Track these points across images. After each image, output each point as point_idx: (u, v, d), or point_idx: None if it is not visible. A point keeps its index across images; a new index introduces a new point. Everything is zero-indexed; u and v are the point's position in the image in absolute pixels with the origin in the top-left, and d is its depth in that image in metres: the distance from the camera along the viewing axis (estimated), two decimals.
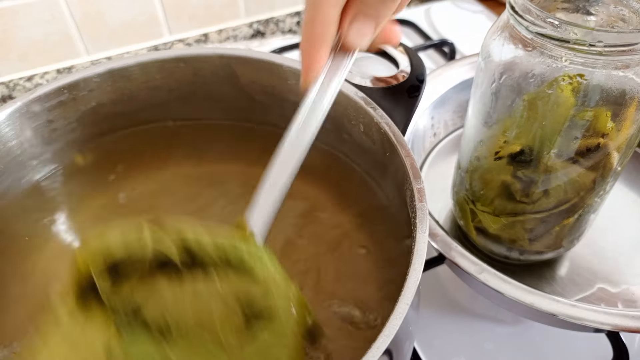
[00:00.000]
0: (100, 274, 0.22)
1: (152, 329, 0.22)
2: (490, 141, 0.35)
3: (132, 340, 0.22)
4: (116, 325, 0.22)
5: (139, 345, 0.22)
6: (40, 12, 0.59)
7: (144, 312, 0.23)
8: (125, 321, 0.22)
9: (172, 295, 0.23)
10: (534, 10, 0.27)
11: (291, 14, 0.73)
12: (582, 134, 0.30)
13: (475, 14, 0.76)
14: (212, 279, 0.23)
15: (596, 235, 0.42)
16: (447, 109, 0.50)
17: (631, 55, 0.27)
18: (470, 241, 0.42)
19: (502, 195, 0.36)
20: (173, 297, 0.23)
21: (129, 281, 0.23)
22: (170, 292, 0.23)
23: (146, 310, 0.23)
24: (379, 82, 0.35)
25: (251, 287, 0.23)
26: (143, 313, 0.23)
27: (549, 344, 0.39)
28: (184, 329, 0.22)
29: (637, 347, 0.39)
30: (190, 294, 0.23)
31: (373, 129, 0.33)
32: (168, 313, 0.23)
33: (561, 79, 0.29)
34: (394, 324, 0.22)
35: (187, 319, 0.22)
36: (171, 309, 0.23)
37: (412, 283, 0.23)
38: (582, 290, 0.39)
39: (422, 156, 0.49)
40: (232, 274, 0.23)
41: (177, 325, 0.22)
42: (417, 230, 0.26)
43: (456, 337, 0.40)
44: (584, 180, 0.33)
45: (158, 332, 0.22)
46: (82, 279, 0.22)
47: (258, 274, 0.23)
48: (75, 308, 0.22)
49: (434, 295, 0.42)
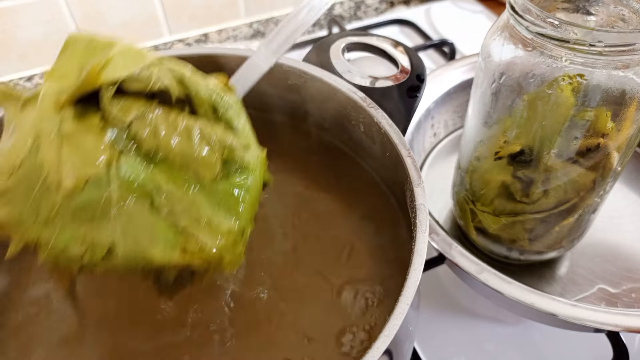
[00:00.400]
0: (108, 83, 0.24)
1: (141, 149, 0.24)
2: (490, 141, 0.35)
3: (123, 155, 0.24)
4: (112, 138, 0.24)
5: (128, 161, 0.24)
6: (40, 12, 0.59)
7: (136, 132, 0.24)
8: (120, 135, 0.24)
9: (164, 123, 0.25)
10: (534, 10, 0.27)
11: None
12: (582, 134, 0.30)
13: (475, 14, 0.76)
14: (200, 119, 0.26)
15: (596, 235, 0.42)
16: (447, 109, 0.50)
17: (631, 55, 0.27)
18: (470, 241, 0.42)
19: (502, 195, 0.36)
20: (164, 125, 0.25)
21: (128, 99, 0.24)
22: (163, 120, 0.25)
23: (138, 131, 0.24)
24: (379, 82, 0.35)
25: (231, 137, 0.26)
26: (136, 133, 0.24)
27: (549, 344, 0.39)
28: (170, 157, 0.25)
29: (637, 347, 0.39)
30: (179, 127, 0.25)
31: (373, 129, 0.33)
32: (157, 139, 0.24)
33: (561, 79, 0.29)
34: (394, 324, 0.22)
35: (173, 148, 0.25)
36: (161, 135, 0.25)
37: (412, 283, 0.23)
38: (582, 290, 0.39)
39: (422, 156, 0.49)
40: (215, 119, 0.26)
41: (164, 150, 0.25)
42: (417, 230, 0.26)
43: (456, 337, 0.40)
44: (584, 180, 0.33)
45: (146, 154, 0.24)
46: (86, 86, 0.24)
47: (237, 125, 0.27)
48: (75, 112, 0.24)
49: (434, 295, 0.42)
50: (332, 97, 0.35)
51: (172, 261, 0.24)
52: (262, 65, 0.31)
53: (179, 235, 0.24)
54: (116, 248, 0.23)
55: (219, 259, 0.25)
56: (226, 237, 0.25)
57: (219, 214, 0.25)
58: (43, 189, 0.23)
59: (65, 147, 0.23)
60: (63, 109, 0.24)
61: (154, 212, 0.24)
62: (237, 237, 0.26)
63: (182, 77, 0.25)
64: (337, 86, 0.34)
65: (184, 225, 0.24)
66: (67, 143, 0.23)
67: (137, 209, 0.24)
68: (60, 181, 0.23)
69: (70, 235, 0.23)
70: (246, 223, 0.26)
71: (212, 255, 0.25)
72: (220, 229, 0.25)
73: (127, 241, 0.23)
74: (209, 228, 0.25)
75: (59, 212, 0.23)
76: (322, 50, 0.37)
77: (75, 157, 0.23)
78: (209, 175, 0.25)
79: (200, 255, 0.24)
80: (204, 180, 0.25)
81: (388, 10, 0.79)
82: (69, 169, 0.23)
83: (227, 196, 0.26)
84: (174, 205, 0.24)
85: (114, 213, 0.23)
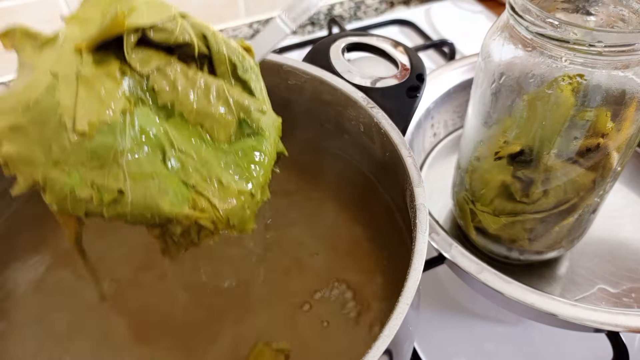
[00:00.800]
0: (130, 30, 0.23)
1: (158, 101, 0.25)
2: (490, 141, 0.35)
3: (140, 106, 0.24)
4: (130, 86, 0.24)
5: (144, 112, 0.24)
6: (40, 12, 0.59)
7: (155, 84, 0.24)
8: (138, 85, 0.24)
9: (183, 79, 0.25)
10: (534, 10, 0.27)
11: None
12: (582, 134, 0.30)
13: (475, 14, 0.76)
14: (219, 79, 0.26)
15: (596, 235, 0.42)
16: (447, 109, 0.50)
17: (631, 55, 0.27)
18: (470, 241, 0.42)
19: (502, 195, 0.36)
20: (183, 81, 0.25)
21: (149, 50, 0.25)
22: (182, 76, 0.25)
23: (157, 83, 0.24)
24: (379, 82, 0.35)
25: (249, 98, 0.26)
26: (154, 85, 0.24)
27: (549, 344, 0.39)
28: (186, 112, 0.25)
29: (637, 347, 0.39)
30: (198, 83, 0.25)
31: (373, 129, 0.33)
32: (175, 93, 0.25)
33: (561, 79, 0.29)
34: (394, 324, 0.22)
35: (190, 104, 0.25)
36: (179, 90, 0.25)
37: (412, 283, 0.23)
38: (582, 290, 0.39)
39: (422, 156, 0.49)
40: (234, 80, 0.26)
41: (181, 105, 0.25)
42: (417, 230, 0.26)
43: (456, 337, 0.40)
44: (583, 180, 0.33)
45: (162, 107, 0.25)
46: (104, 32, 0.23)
47: (255, 88, 0.27)
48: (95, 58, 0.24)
49: (434, 295, 0.42)
50: (332, 97, 0.35)
51: (180, 215, 0.24)
52: (283, 30, 0.31)
53: (189, 191, 0.24)
54: (125, 194, 0.23)
55: (226, 220, 0.25)
56: (237, 199, 0.25)
57: (230, 175, 0.25)
58: (56, 130, 0.23)
59: (83, 90, 0.23)
60: (84, 53, 0.23)
61: (165, 166, 0.24)
62: (247, 200, 0.26)
63: (205, 32, 0.25)
64: (337, 86, 0.34)
65: (194, 183, 0.24)
66: (84, 87, 0.23)
67: (148, 160, 0.24)
68: (74, 124, 0.22)
69: (79, 178, 0.23)
70: (258, 188, 0.26)
71: (220, 215, 0.25)
72: (230, 190, 0.25)
73: (137, 189, 0.23)
74: (219, 188, 0.25)
75: (70, 154, 0.23)
76: (322, 50, 0.37)
77: (91, 102, 0.23)
78: (224, 135, 0.25)
79: (208, 214, 0.24)
80: (218, 140, 0.25)
81: (388, 10, 0.79)
82: (85, 113, 0.23)
83: (240, 158, 0.26)
84: (186, 162, 0.24)
85: (125, 161, 0.23)
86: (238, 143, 0.26)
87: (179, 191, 0.24)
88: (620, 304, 0.38)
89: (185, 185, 0.24)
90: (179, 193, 0.24)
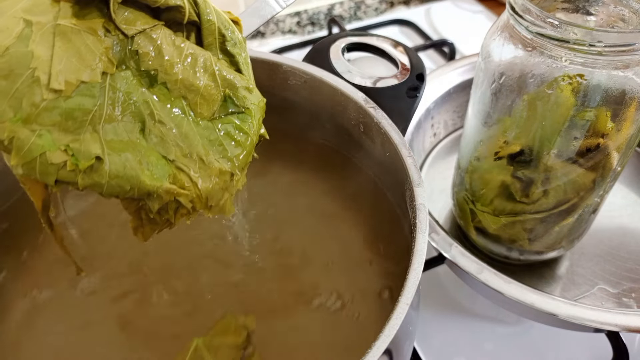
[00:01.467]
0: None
1: (141, 66, 0.23)
2: (490, 141, 0.35)
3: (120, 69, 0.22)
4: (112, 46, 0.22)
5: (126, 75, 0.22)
6: None
7: (139, 47, 0.23)
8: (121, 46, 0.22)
9: (169, 45, 0.23)
10: (534, 10, 0.27)
11: (291, 14, 0.73)
12: (582, 134, 0.30)
13: (475, 14, 0.76)
14: (207, 50, 0.25)
15: (596, 235, 0.42)
16: (447, 109, 0.50)
17: (631, 55, 0.27)
18: (470, 241, 0.42)
19: (502, 195, 0.36)
20: (170, 47, 0.23)
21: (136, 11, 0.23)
22: (168, 42, 0.23)
23: (141, 47, 0.23)
24: (379, 82, 0.35)
25: (236, 76, 0.25)
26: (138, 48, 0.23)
27: (549, 344, 0.39)
28: (169, 82, 0.23)
29: (637, 347, 0.39)
30: (184, 53, 0.24)
31: (373, 129, 0.33)
32: (161, 59, 0.23)
33: (561, 79, 0.29)
34: (394, 324, 0.22)
35: (175, 73, 0.23)
36: (164, 57, 0.23)
37: (412, 283, 0.23)
38: (582, 290, 0.39)
39: (422, 156, 0.49)
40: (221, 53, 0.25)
41: (165, 74, 0.23)
42: (417, 230, 0.26)
43: (456, 337, 0.40)
44: (583, 181, 0.33)
45: (145, 73, 0.23)
46: None
47: (242, 65, 0.25)
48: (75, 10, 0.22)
49: (434, 295, 0.42)
50: (332, 97, 0.35)
51: (161, 189, 0.23)
52: (272, 7, 0.29)
53: (169, 166, 0.23)
54: (103, 162, 0.21)
55: (205, 199, 0.24)
56: (218, 178, 0.24)
57: (211, 154, 0.24)
58: (28, 84, 0.20)
59: (60, 43, 0.21)
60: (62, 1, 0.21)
61: (144, 137, 0.23)
62: (227, 181, 0.25)
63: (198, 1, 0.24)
64: (337, 86, 0.34)
65: (174, 158, 0.23)
66: (62, 40, 0.21)
67: (126, 129, 0.22)
68: (49, 80, 0.20)
69: (51, 140, 0.21)
70: (239, 170, 0.25)
71: (200, 193, 0.24)
72: (212, 169, 0.24)
73: (115, 158, 0.22)
74: (199, 165, 0.24)
75: (42, 113, 0.20)
76: (322, 50, 0.37)
77: (70, 57, 0.21)
78: (207, 110, 0.24)
79: (188, 191, 0.23)
80: (201, 115, 0.24)
81: (388, 10, 0.79)
82: (61, 69, 0.20)
83: (223, 136, 0.25)
84: (166, 135, 0.23)
85: (102, 127, 0.21)
86: (221, 120, 0.25)
87: (159, 164, 0.23)
88: (620, 304, 0.38)
89: (165, 159, 0.23)
90: (159, 166, 0.23)
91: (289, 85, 0.36)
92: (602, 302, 0.38)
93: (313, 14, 0.74)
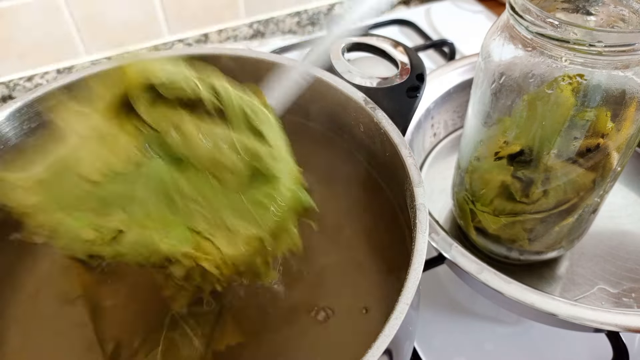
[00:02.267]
0: (143, 88, 0.25)
1: (170, 154, 0.25)
2: (490, 141, 0.35)
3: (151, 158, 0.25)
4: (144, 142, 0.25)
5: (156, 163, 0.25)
6: (41, 12, 0.59)
7: (168, 139, 0.25)
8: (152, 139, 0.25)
9: (194, 130, 0.25)
10: (534, 10, 0.27)
11: (291, 14, 0.73)
12: (582, 134, 0.30)
13: (475, 14, 0.76)
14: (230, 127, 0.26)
15: (596, 235, 0.42)
16: (447, 109, 0.50)
17: (631, 55, 0.27)
18: (470, 241, 0.42)
19: (502, 195, 0.36)
20: (194, 132, 0.25)
21: (161, 106, 0.25)
22: (193, 127, 0.25)
23: (169, 137, 0.25)
24: (379, 82, 0.35)
25: (261, 146, 0.26)
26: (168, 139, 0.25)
27: (549, 344, 0.39)
28: (197, 163, 0.25)
29: (637, 347, 0.39)
30: (209, 134, 0.25)
31: (373, 129, 0.33)
32: (189, 145, 0.25)
33: (561, 79, 0.29)
34: (394, 324, 0.22)
35: (201, 155, 0.25)
36: (190, 142, 0.25)
37: (412, 283, 0.23)
38: (582, 290, 0.39)
39: (422, 156, 0.49)
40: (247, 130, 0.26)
41: (193, 157, 0.25)
42: (417, 230, 0.26)
43: (456, 337, 0.40)
44: (583, 181, 0.33)
45: (174, 159, 0.25)
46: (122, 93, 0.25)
47: (269, 137, 0.26)
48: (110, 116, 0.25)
49: (434, 295, 0.42)
50: (332, 97, 0.35)
51: (178, 253, 0.24)
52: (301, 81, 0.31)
53: (194, 236, 0.25)
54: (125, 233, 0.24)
55: (232, 265, 0.25)
56: (244, 245, 0.25)
57: (239, 222, 0.25)
58: (72, 181, 0.24)
59: (102, 146, 0.24)
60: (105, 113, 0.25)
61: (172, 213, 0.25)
62: (256, 247, 0.25)
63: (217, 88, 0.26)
64: (337, 86, 0.34)
65: (201, 230, 0.25)
66: (103, 143, 0.24)
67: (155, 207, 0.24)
68: (88, 174, 0.24)
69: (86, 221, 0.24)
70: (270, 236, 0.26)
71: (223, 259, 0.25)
72: (238, 236, 0.25)
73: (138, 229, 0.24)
74: (226, 234, 0.25)
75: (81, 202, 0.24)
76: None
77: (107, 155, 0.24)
78: (235, 183, 0.25)
79: (212, 257, 0.24)
80: (230, 188, 0.25)
81: (388, 10, 0.79)
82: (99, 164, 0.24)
83: (251, 205, 0.26)
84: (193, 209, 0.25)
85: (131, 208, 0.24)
86: (250, 190, 0.26)
87: (181, 233, 0.24)
88: (620, 304, 0.38)
89: (190, 231, 0.25)
90: (181, 235, 0.24)
91: None
92: (602, 302, 0.38)
93: (313, 14, 0.74)
